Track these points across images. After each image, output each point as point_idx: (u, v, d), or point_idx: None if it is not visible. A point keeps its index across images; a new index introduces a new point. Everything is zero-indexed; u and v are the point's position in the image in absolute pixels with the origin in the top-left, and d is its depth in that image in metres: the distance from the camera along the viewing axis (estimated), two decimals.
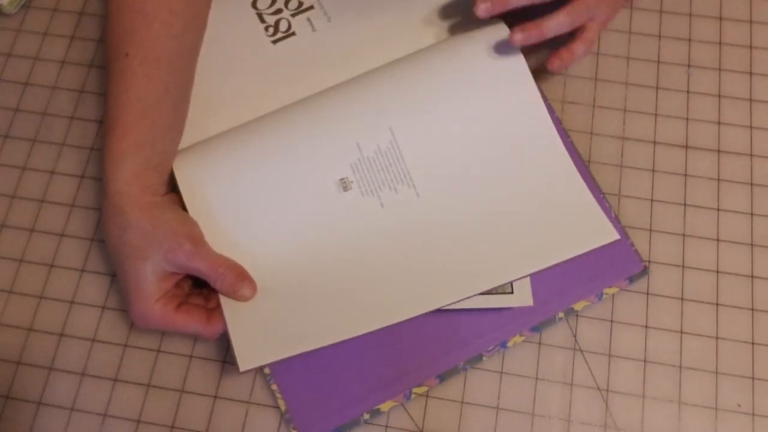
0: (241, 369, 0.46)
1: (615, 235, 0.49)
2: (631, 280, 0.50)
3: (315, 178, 0.50)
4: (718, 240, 0.52)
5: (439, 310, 0.48)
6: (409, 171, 0.51)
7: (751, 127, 0.55)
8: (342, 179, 0.50)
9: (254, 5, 0.59)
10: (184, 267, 0.46)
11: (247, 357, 0.46)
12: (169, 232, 0.46)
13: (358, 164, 0.51)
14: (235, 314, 0.48)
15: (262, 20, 0.58)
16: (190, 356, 0.50)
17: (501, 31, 0.53)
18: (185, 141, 0.54)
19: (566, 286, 0.50)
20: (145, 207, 0.46)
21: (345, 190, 0.50)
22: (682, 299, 0.51)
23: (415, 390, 0.48)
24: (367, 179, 0.51)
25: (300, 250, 0.50)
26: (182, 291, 0.49)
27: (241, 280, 0.48)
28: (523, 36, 0.50)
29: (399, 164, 0.51)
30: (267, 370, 0.49)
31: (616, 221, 0.51)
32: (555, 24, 0.50)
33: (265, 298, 0.48)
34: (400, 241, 0.50)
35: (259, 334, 0.47)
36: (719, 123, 0.55)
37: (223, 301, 0.48)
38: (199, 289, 0.49)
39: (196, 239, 0.47)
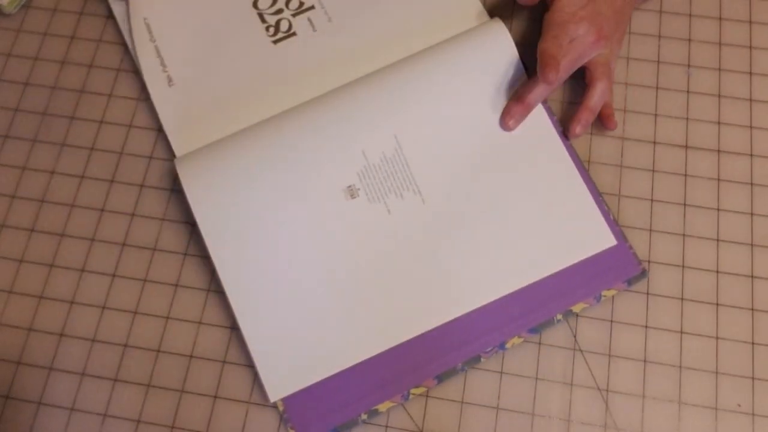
0: (272, 400, 0.48)
1: (612, 241, 0.50)
2: (630, 282, 0.50)
3: (322, 186, 0.51)
4: (718, 240, 0.52)
5: None
6: (414, 177, 0.51)
7: (751, 127, 0.55)
8: (349, 187, 0.51)
9: (255, 5, 0.59)
10: None
11: (276, 387, 0.48)
12: None
13: (365, 171, 0.51)
14: (259, 344, 0.49)
15: (263, 20, 0.58)
16: (190, 356, 0.50)
17: (499, 29, 0.53)
18: (188, 142, 0.55)
19: (564, 288, 0.50)
20: None
21: (352, 198, 0.51)
22: (682, 299, 0.51)
23: (413, 391, 0.48)
24: (373, 186, 0.51)
25: (312, 261, 0.50)
26: None
27: None
28: (582, 128, 0.52)
29: (404, 171, 0.51)
30: None
31: (614, 224, 0.51)
32: (598, 98, 0.52)
33: (286, 321, 0.49)
34: (408, 248, 0.50)
35: (285, 363, 0.48)
36: (719, 123, 0.55)
37: (246, 331, 0.49)
38: None
39: None
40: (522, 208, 0.51)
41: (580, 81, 0.54)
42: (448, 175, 0.52)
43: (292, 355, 0.48)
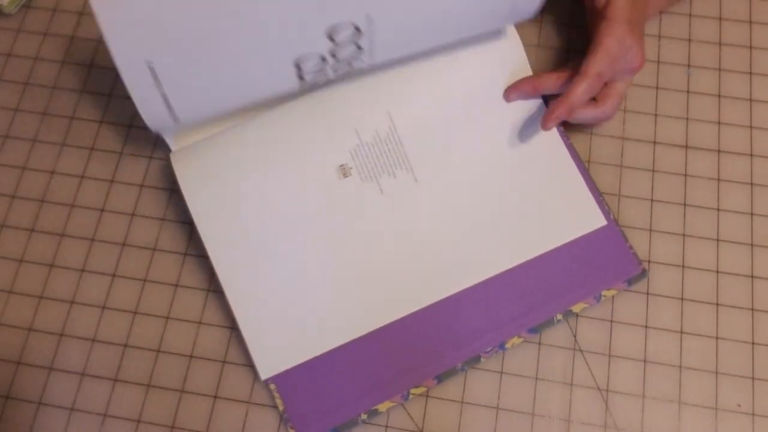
0: (263, 378, 0.48)
1: (603, 221, 0.50)
2: (630, 282, 0.50)
3: (315, 165, 0.51)
4: (718, 240, 0.52)
5: (436, 311, 0.49)
6: (407, 156, 0.51)
7: (751, 127, 0.55)
8: (342, 165, 0.51)
9: None
10: None
11: (267, 365, 0.48)
12: None
13: (357, 150, 0.51)
14: (250, 322, 0.49)
15: None
16: (190, 356, 0.50)
17: None
18: (187, 138, 0.54)
19: (564, 288, 0.50)
20: None
21: (345, 177, 0.51)
22: (682, 299, 0.51)
23: (413, 391, 0.48)
24: (366, 165, 0.51)
25: (304, 240, 0.50)
26: None
27: None
28: (553, 122, 0.49)
29: (398, 150, 0.51)
30: None
31: (614, 224, 0.51)
32: (596, 117, 0.50)
33: (278, 301, 0.49)
34: (400, 227, 0.50)
35: (276, 341, 0.48)
36: (719, 123, 0.55)
37: (236, 309, 0.49)
38: None
39: None
40: (515, 190, 0.51)
41: None
42: (441, 155, 0.52)
43: (283, 332, 0.48)
